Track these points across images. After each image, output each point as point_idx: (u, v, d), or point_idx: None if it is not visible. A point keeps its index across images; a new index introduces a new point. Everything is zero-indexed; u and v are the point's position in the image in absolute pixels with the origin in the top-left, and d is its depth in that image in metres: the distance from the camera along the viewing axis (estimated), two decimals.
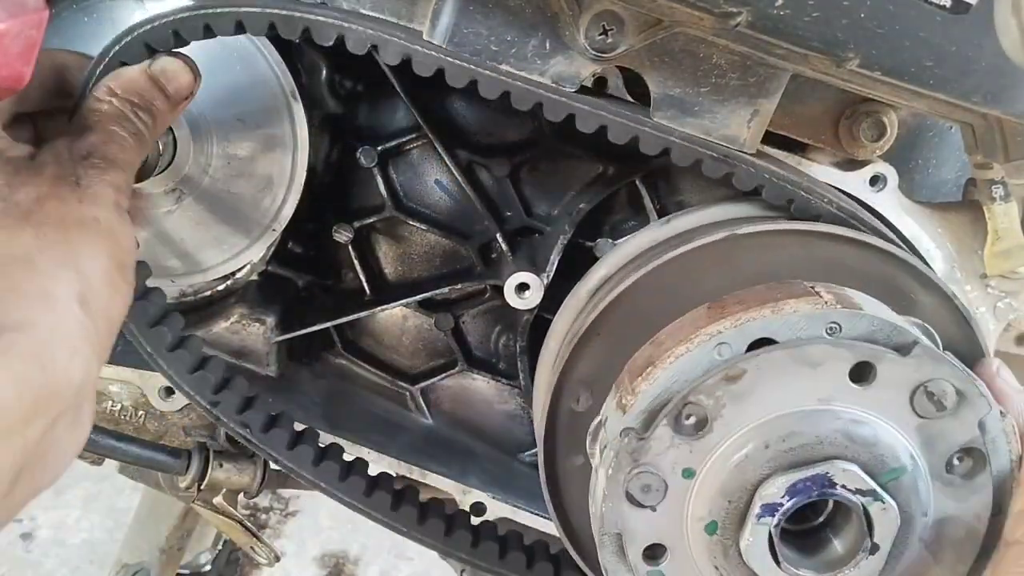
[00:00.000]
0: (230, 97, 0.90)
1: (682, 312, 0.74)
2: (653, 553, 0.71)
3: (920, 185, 1.06)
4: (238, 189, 0.93)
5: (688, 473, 0.68)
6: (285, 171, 0.93)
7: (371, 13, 0.80)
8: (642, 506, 0.69)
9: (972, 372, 0.69)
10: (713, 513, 0.69)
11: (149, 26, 0.74)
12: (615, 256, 0.90)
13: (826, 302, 0.69)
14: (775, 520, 0.67)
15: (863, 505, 0.67)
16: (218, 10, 0.75)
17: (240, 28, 0.76)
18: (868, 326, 0.67)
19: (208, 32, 0.76)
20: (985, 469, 0.69)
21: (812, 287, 0.71)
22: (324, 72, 0.98)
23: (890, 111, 0.85)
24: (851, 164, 0.89)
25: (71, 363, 0.56)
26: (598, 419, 0.74)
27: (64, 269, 0.59)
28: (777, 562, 0.68)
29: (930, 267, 0.82)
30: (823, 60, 0.71)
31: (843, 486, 0.66)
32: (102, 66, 0.72)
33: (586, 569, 0.86)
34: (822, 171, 0.89)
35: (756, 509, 0.67)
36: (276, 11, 0.75)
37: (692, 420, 0.67)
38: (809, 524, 0.72)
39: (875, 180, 0.89)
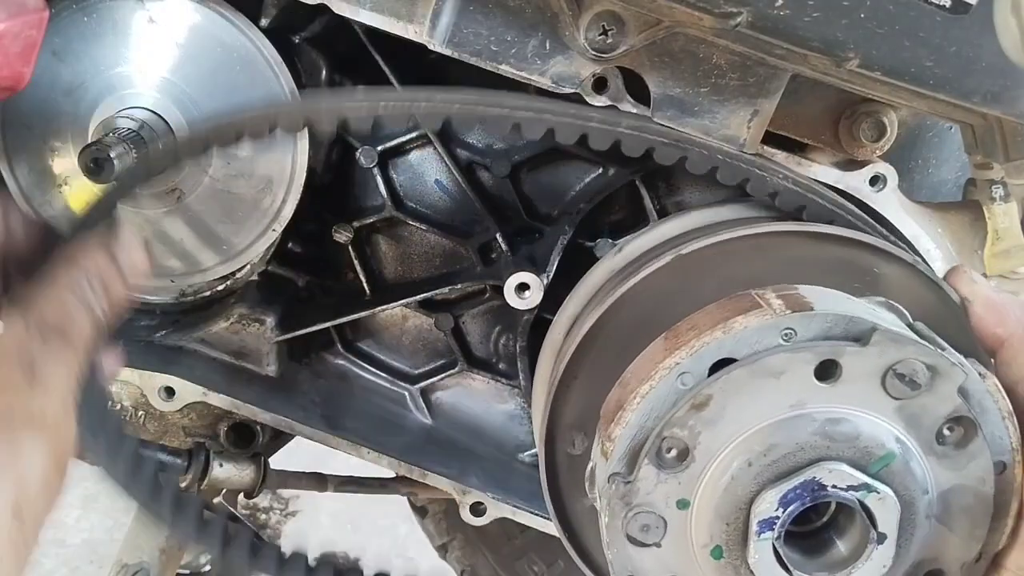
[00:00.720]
0: (230, 97, 0.90)
1: (645, 344, 0.74)
2: None
3: (920, 185, 1.06)
4: (238, 189, 0.93)
5: (683, 504, 0.68)
6: (285, 171, 0.93)
7: (372, 14, 0.80)
8: (646, 545, 0.69)
9: (948, 283, 0.72)
10: (715, 538, 0.68)
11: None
12: (580, 292, 0.90)
13: (775, 310, 0.68)
14: (775, 533, 0.67)
15: (859, 500, 0.66)
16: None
17: None
18: (822, 324, 0.67)
19: None
20: (977, 433, 0.69)
21: (761, 296, 0.71)
22: (324, 72, 0.98)
23: (890, 111, 0.85)
24: (851, 164, 0.89)
25: None
26: (590, 465, 0.74)
27: (2, 477, 0.56)
28: (788, 571, 0.68)
29: (890, 240, 0.82)
30: (823, 60, 0.71)
31: (834, 486, 0.66)
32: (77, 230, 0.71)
33: (554, 517, 0.85)
34: (822, 171, 0.89)
35: (754, 527, 0.67)
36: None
37: (673, 453, 0.67)
38: (816, 524, 0.72)
39: (875, 180, 0.89)
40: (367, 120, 0.73)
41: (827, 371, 0.66)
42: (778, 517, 0.66)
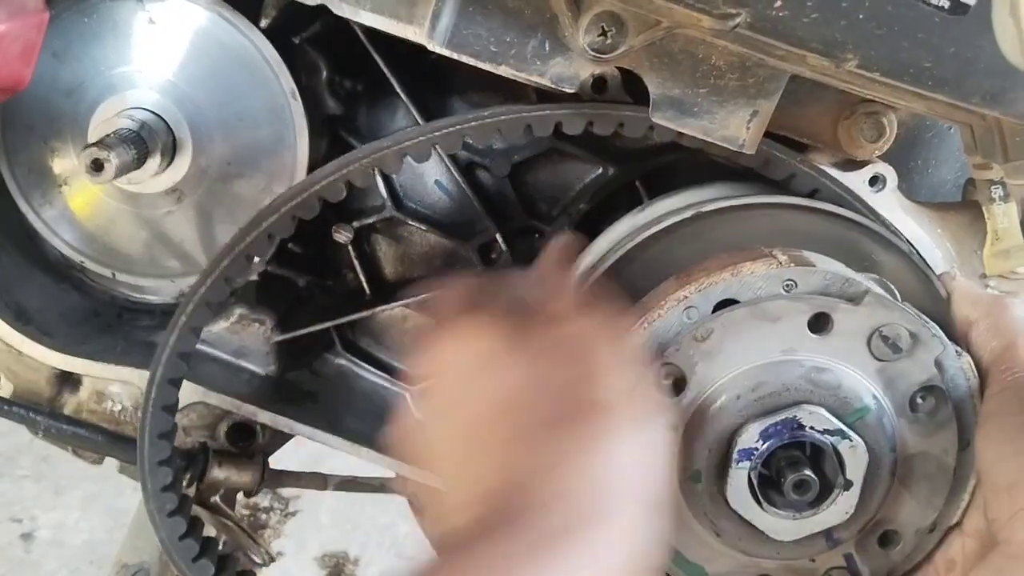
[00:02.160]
0: (230, 97, 0.90)
1: (658, 283, 0.79)
2: None
3: (919, 186, 1.06)
4: (238, 189, 0.93)
5: (675, 428, 0.72)
6: (285, 171, 0.93)
7: (372, 15, 0.80)
8: None
9: (940, 281, 0.79)
10: (697, 463, 0.74)
11: None
12: (600, 244, 0.92)
13: (780, 262, 0.74)
14: (752, 464, 0.72)
15: (832, 444, 0.72)
16: None
17: None
18: (821, 280, 0.72)
19: None
20: (947, 405, 0.75)
21: (769, 251, 0.76)
22: (324, 72, 0.98)
23: (889, 112, 0.85)
24: (850, 164, 0.89)
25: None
26: None
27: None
28: (759, 502, 0.73)
29: (891, 228, 0.86)
30: (822, 61, 0.71)
31: (811, 427, 0.72)
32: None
33: None
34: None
35: (735, 455, 0.72)
36: None
37: (670, 380, 0.72)
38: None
39: (874, 180, 0.89)
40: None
41: (819, 323, 0.72)
42: (757, 449, 0.72)
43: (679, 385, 0.72)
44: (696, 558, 0.78)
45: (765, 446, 0.72)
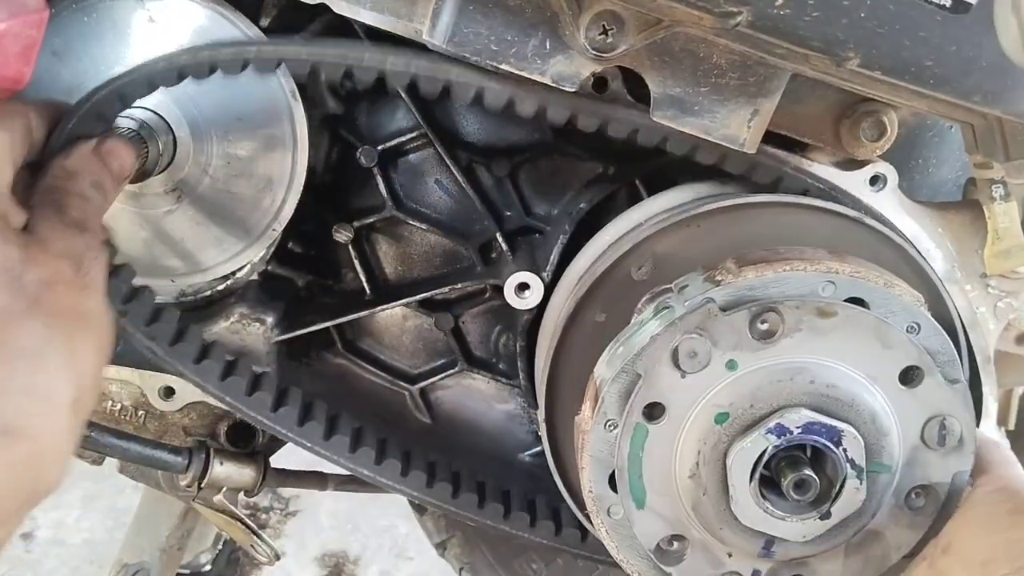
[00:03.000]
0: (230, 97, 0.90)
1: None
2: (652, 412, 0.74)
3: (920, 185, 1.06)
4: (238, 189, 0.93)
5: (732, 365, 0.72)
6: (285, 171, 0.93)
7: (372, 13, 0.80)
8: (677, 367, 0.72)
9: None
10: (732, 408, 0.73)
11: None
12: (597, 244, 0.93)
13: (923, 304, 0.76)
14: (779, 442, 0.72)
15: (847, 474, 0.73)
16: None
17: None
18: (940, 344, 0.75)
19: None
20: (932, 512, 0.78)
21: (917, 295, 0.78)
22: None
23: (890, 111, 0.85)
24: (851, 164, 0.89)
25: (59, 470, 0.58)
26: (670, 285, 0.77)
27: (66, 369, 0.59)
28: (749, 479, 0.73)
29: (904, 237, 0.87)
30: (823, 60, 0.71)
31: (845, 449, 0.73)
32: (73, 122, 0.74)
33: (556, 476, 0.92)
34: (822, 171, 0.89)
35: (771, 423, 0.72)
36: None
37: (765, 326, 0.71)
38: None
39: (875, 180, 0.89)
40: None
41: (909, 377, 0.74)
42: (792, 432, 0.72)
43: (769, 335, 0.72)
44: None
45: (799, 436, 0.72)
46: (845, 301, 0.73)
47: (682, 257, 0.84)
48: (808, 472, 0.72)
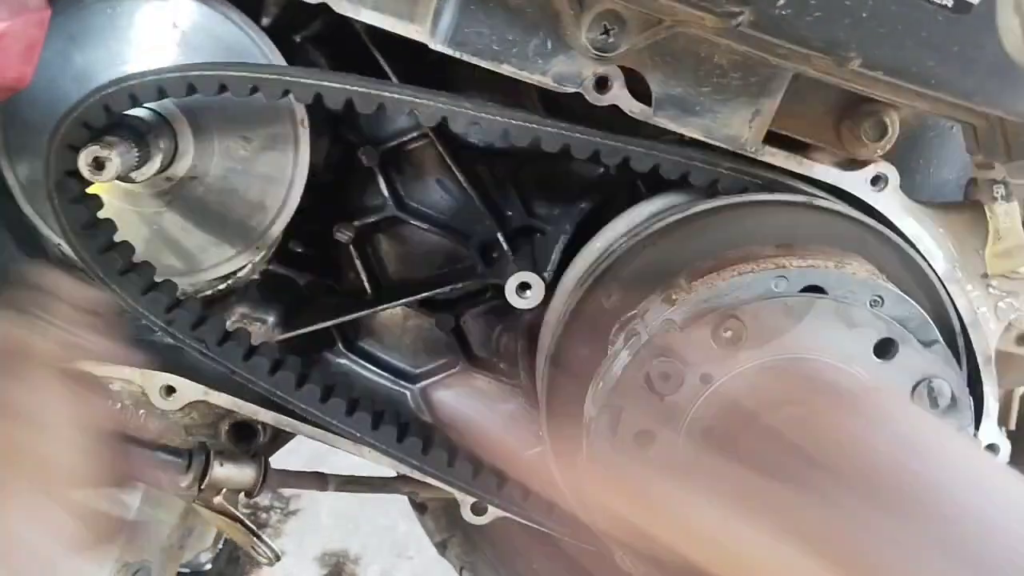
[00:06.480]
0: (231, 96, 0.90)
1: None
2: (640, 440, 0.75)
3: (921, 185, 1.06)
4: (239, 188, 0.93)
5: (706, 379, 0.72)
6: (286, 170, 0.93)
7: (373, 13, 0.80)
8: (653, 391, 0.72)
9: None
10: (717, 419, 0.73)
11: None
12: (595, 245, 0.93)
13: (880, 276, 0.76)
14: None
15: None
16: None
17: None
18: (906, 311, 0.75)
19: None
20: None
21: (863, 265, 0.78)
22: None
23: (892, 111, 0.85)
24: (852, 164, 0.89)
25: None
26: (634, 312, 0.78)
27: None
28: None
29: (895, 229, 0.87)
30: (825, 60, 0.71)
31: None
32: None
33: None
34: (823, 171, 0.89)
35: None
36: None
37: (729, 334, 0.71)
38: None
39: (876, 180, 0.89)
40: None
41: (884, 349, 0.73)
42: None
43: (734, 342, 0.72)
44: None
45: None
46: (801, 291, 0.73)
47: (645, 279, 0.84)
48: None
